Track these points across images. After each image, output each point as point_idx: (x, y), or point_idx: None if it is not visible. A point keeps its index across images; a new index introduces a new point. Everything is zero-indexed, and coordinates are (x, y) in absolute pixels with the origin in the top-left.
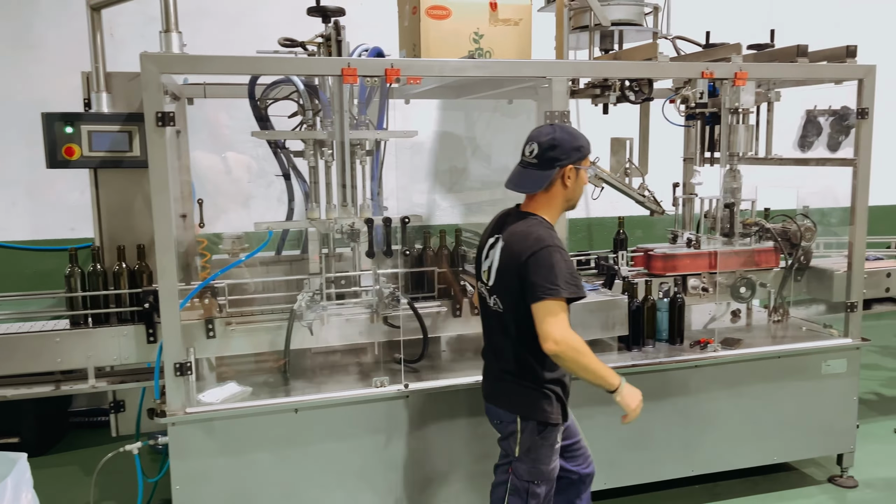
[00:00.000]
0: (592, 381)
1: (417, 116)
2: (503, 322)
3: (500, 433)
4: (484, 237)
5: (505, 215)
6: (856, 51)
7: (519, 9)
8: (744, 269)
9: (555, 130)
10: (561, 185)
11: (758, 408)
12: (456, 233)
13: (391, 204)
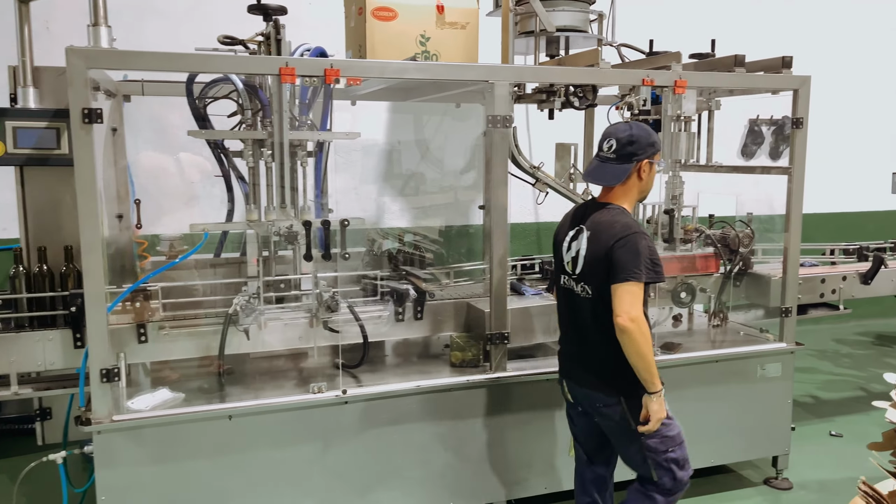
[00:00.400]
0: (642, 370)
1: (368, 118)
2: (594, 308)
3: (599, 415)
4: (561, 231)
5: (583, 208)
6: (791, 62)
7: (466, 12)
8: (685, 275)
9: (631, 127)
10: (636, 177)
11: (695, 411)
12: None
13: (342, 206)
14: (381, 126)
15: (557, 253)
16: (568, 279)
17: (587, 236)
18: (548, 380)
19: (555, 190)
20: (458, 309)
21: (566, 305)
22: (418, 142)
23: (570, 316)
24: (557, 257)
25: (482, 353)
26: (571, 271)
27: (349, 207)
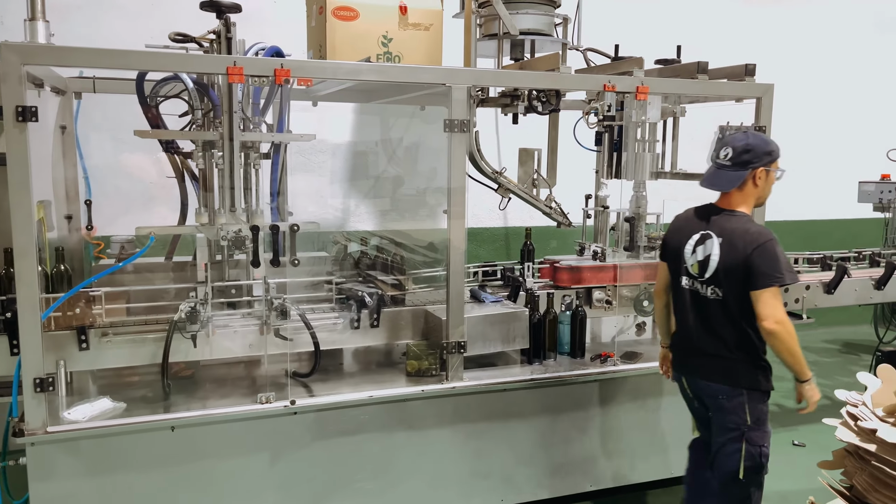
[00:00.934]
0: (793, 365)
1: (335, 120)
2: (725, 307)
3: (717, 408)
4: (680, 236)
5: (703, 213)
6: (754, 69)
7: (430, 14)
8: (648, 283)
9: (748, 137)
10: (752, 184)
11: (657, 421)
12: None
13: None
14: (348, 128)
15: (676, 256)
16: (692, 281)
17: (719, 243)
18: (505, 390)
19: (517, 196)
20: (417, 316)
21: (689, 305)
22: (385, 144)
23: (694, 315)
24: (676, 259)
25: (439, 362)
26: (698, 274)
27: (314, 210)
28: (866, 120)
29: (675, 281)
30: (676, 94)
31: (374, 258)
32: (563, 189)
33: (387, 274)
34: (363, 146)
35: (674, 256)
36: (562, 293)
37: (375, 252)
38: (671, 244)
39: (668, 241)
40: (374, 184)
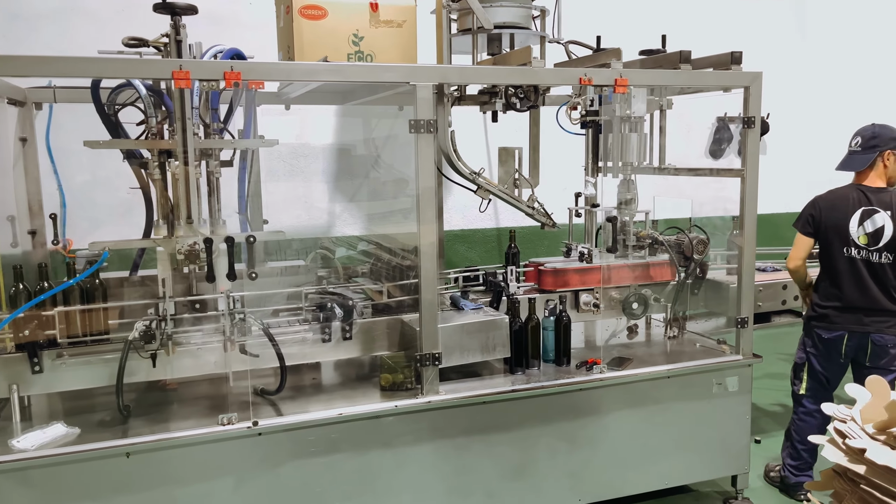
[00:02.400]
0: None
1: (318, 123)
2: (892, 271)
3: (882, 356)
4: (840, 213)
5: (855, 192)
6: (741, 57)
7: (402, 10)
8: (638, 284)
9: (874, 126)
10: (882, 165)
11: (648, 430)
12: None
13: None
14: (331, 130)
15: (836, 231)
16: (861, 251)
17: (890, 215)
18: (485, 402)
19: (498, 196)
20: (392, 327)
21: (860, 272)
22: (368, 146)
23: (869, 279)
24: (836, 234)
25: (415, 375)
26: (867, 244)
27: (296, 217)
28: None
29: (836, 252)
30: (661, 86)
31: (354, 266)
32: (554, 188)
33: (369, 282)
34: (347, 149)
35: (834, 232)
36: (545, 298)
37: (361, 258)
38: (828, 221)
39: (824, 218)
40: (360, 187)
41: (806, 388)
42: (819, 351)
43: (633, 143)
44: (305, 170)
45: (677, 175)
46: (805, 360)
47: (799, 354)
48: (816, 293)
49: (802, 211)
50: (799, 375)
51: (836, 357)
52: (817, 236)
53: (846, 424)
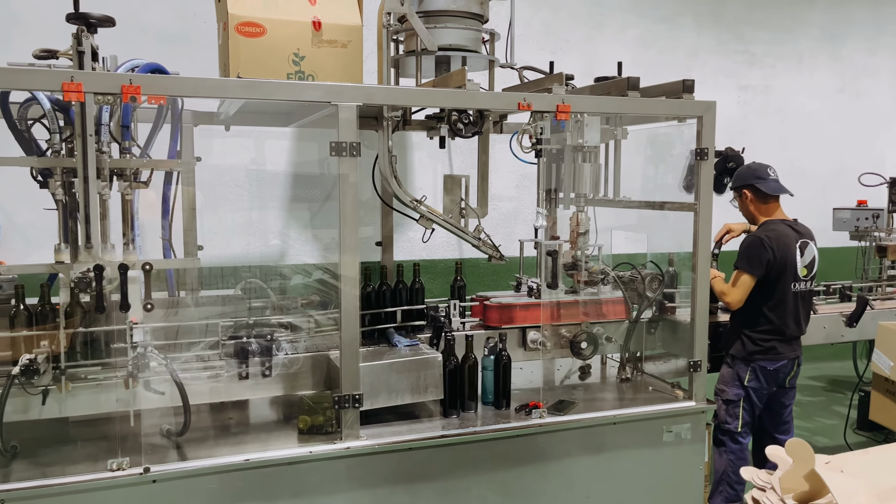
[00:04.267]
0: None
1: (264, 145)
2: (811, 296)
3: (797, 375)
4: (787, 250)
5: (790, 226)
6: (692, 86)
7: (347, 30)
8: (589, 322)
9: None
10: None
11: (591, 481)
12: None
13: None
14: (281, 154)
15: (784, 267)
16: (801, 283)
17: (814, 245)
18: (410, 449)
19: (441, 226)
20: (318, 364)
21: (796, 304)
22: (320, 170)
23: (803, 310)
24: (785, 270)
25: (335, 418)
26: (805, 275)
27: (244, 243)
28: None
29: (785, 287)
30: (616, 115)
31: (305, 295)
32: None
33: (314, 313)
34: (299, 172)
35: (782, 269)
36: (486, 335)
37: (313, 287)
38: (781, 259)
39: (775, 258)
40: (314, 212)
41: (742, 423)
42: (761, 383)
43: (586, 173)
44: (256, 194)
45: (630, 208)
46: (742, 396)
47: (734, 392)
48: (754, 328)
49: (751, 252)
50: (733, 412)
51: (773, 385)
52: (766, 276)
53: (765, 493)
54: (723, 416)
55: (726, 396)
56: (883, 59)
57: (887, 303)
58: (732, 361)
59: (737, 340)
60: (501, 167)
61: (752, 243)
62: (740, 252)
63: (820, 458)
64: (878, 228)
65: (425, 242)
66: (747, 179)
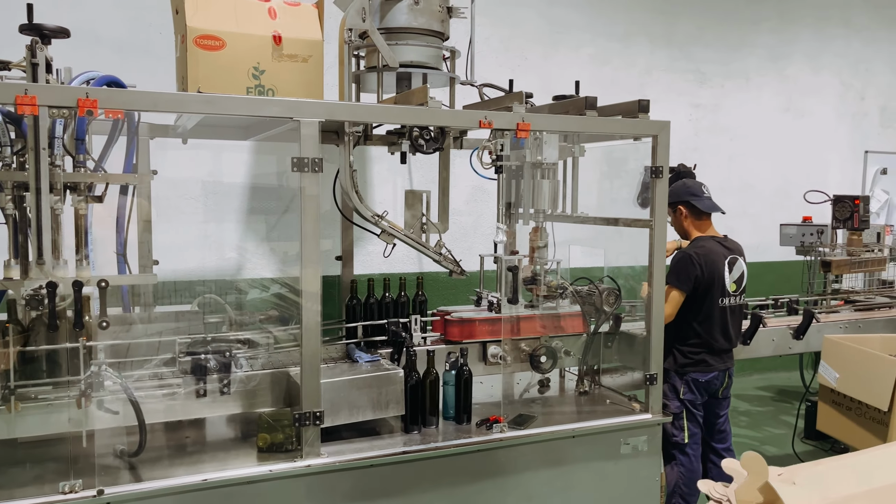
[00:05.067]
0: None
1: (223, 159)
2: (741, 310)
3: (729, 386)
4: (716, 266)
5: (719, 243)
6: (648, 105)
7: (308, 44)
8: (548, 336)
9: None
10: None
11: (550, 494)
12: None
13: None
14: (240, 167)
15: (711, 283)
16: (729, 299)
17: (743, 261)
18: (372, 465)
19: (402, 241)
20: (277, 381)
21: (724, 318)
22: (280, 184)
23: (729, 324)
24: (713, 286)
25: (296, 435)
26: (734, 291)
27: (201, 257)
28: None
29: (713, 303)
30: (574, 133)
31: (263, 311)
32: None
33: (263, 330)
34: (259, 186)
35: (710, 284)
36: (447, 350)
37: (271, 302)
38: (709, 275)
39: (706, 275)
40: (273, 226)
41: (688, 435)
42: (695, 394)
43: (545, 189)
44: (214, 208)
45: (587, 223)
46: (682, 408)
47: (674, 405)
48: (685, 342)
49: (680, 269)
50: (678, 425)
51: (705, 396)
52: (694, 291)
53: None
54: (669, 429)
55: (669, 411)
56: (826, 78)
57: (832, 316)
58: (667, 375)
59: (669, 355)
60: (460, 181)
61: (682, 260)
62: (670, 268)
63: (773, 471)
64: (823, 244)
65: (387, 257)
66: (682, 196)
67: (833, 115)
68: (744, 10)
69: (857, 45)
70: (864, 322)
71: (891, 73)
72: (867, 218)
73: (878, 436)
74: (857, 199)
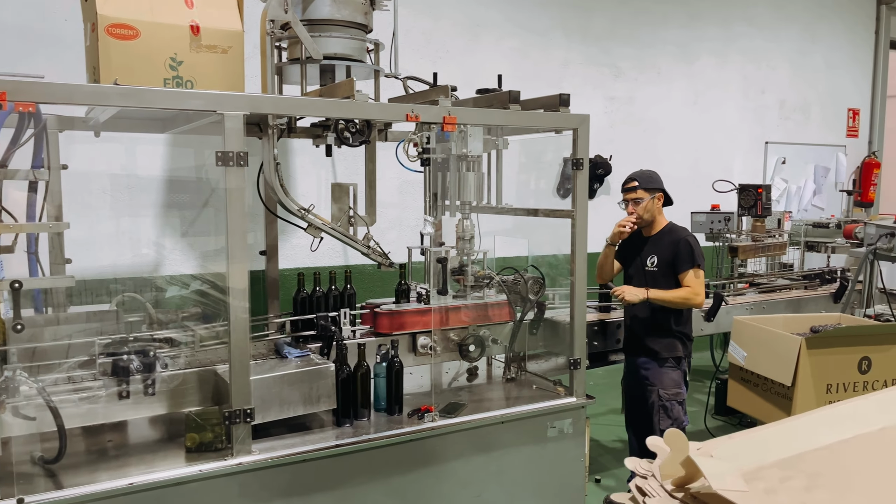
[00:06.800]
0: None
1: (141, 152)
2: None
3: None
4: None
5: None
6: (568, 99)
7: (228, 35)
8: (476, 325)
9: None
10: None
11: (482, 479)
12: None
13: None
14: (158, 161)
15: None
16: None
17: None
18: (305, 461)
19: (330, 235)
20: (205, 379)
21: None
22: (200, 178)
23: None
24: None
25: (225, 434)
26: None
27: (117, 254)
28: (697, 151)
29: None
30: (499, 126)
31: (185, 308)
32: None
33: (187, 328)
34: (179, 180)
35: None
36: (377, 343)
37: (193, 299)
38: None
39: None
40: (194, 221)
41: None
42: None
43: (470, 181)
44: (129, 203)
45: (512, 214)
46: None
47: (685, 391)
48: (686, 325)
49: (698, 249)
50: (685, 409)
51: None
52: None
53: (647, 480)
54: (681, 416)
55: (682, 398)
56: (730, 73)
57: (739, 298)
58: (678, 363)
59: (679, 342)
60: (386, 173)
61: (696, 242)
62: (695, 251)
63: (693, 445)
64: (730, 230)
65: (314, 251)
66: (660, 185)
67: (737, 108)
68: (654, 7)
69: (758, 42)
70: (768, 303)
71: (789, 68)
72: (769, 205)
73: (783, 409)
74: (759, 188)
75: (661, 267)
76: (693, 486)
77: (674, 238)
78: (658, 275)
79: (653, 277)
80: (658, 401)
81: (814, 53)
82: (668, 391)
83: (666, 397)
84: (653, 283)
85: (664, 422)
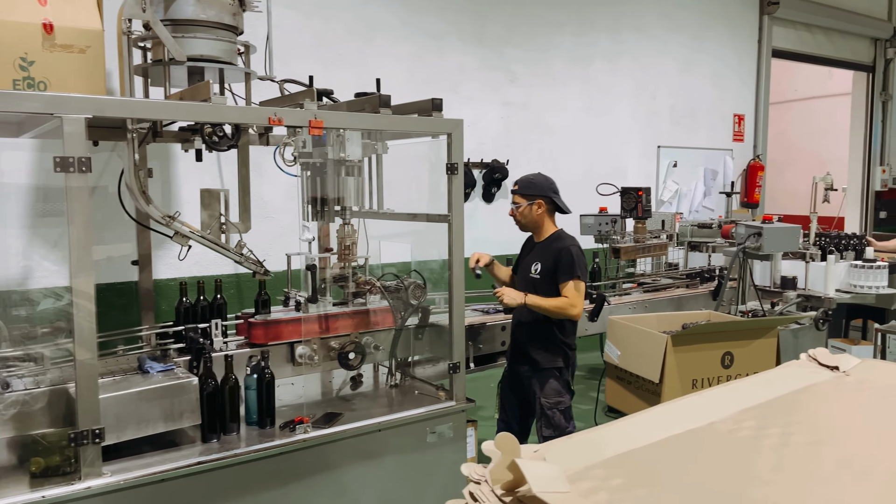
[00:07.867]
0: None
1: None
2: None
3: None
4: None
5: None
6: (441, 104)
7: (85, 34)
8: (358, 332)
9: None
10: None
11: (360, 489)
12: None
13: None
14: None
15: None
16: None
17: None
18: (164, 480)
19: (199, 242)
20: (56, 399)
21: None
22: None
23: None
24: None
25: (74, 456)
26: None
27: None
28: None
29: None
30: (378, 131)
31: (52, 323)
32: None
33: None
34: (43, 188)
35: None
36: (248, 354)
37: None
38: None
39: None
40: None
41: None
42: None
43: (350, 186)
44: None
45: (393, 219)
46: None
47: (568, 399)
48: (570, 336)
49: (580, 260)
50: (568, 415)
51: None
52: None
53: (479, 486)
54: (564, 424)
55: (564, 406)
56: (622, 79)
57: (624, 298)
58: (561, 373)
59: (560, 352)
60: (276, 179)
61: (579, 252)
62: (576, 262)
63: (528, 448)
64: (616, 232)
65: (181, 260)
66: (546, 191)
67: (629, 113)
68: (547, 14)
69: (649, 49)
70: (651, 302)
71: (678, 74)
72: (649, 207)
73: (653, 406)
74: (640, 191)
75: (543, 274)
76: (521, 490)
77: (558, 246)
78: (539, 282)
79: (534, 284)
80: (539, 409)
81: (701, 61)
82: (549, 399)
83: (547, 405)
84: (533, 289)
85: (546, 430)
